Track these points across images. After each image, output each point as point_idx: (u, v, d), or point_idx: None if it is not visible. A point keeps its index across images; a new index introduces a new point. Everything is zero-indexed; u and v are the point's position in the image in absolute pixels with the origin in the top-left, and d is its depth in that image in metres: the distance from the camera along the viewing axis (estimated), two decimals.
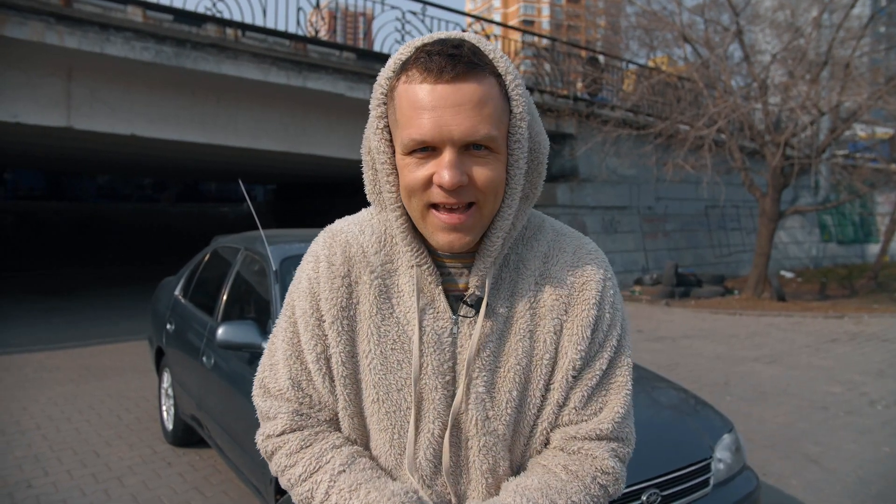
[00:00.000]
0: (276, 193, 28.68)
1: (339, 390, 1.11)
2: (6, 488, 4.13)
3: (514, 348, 1.08)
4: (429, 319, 1.08)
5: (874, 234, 24.36)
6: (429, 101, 0.95)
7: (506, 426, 1.08)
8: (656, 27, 14.81)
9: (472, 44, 0.99)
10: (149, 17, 8.82)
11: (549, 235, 1.15)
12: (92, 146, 12.03)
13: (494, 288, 1.09)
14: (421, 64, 0.96)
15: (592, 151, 14.63)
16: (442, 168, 0.96)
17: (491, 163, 0.99)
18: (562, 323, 1.09)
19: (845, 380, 7.03)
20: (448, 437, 1.07)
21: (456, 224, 0.99)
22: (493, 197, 1.01)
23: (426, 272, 1.07)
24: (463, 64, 0.95)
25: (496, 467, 1.09)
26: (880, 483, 4.35)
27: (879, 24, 16.37)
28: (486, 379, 1.07)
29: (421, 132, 0.95)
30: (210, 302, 4.34)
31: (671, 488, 2.54)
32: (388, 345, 1.08)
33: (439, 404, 1.07)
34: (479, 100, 0.95)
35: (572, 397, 1.10)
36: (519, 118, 1.01)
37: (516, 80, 1.00)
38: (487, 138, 0.96)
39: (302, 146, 11.40)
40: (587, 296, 1.10)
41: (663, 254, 16.45)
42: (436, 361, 1.07)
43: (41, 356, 7.73)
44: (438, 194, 0.98)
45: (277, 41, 10.17)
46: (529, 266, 1.11)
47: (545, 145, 1.08)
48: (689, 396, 3.39)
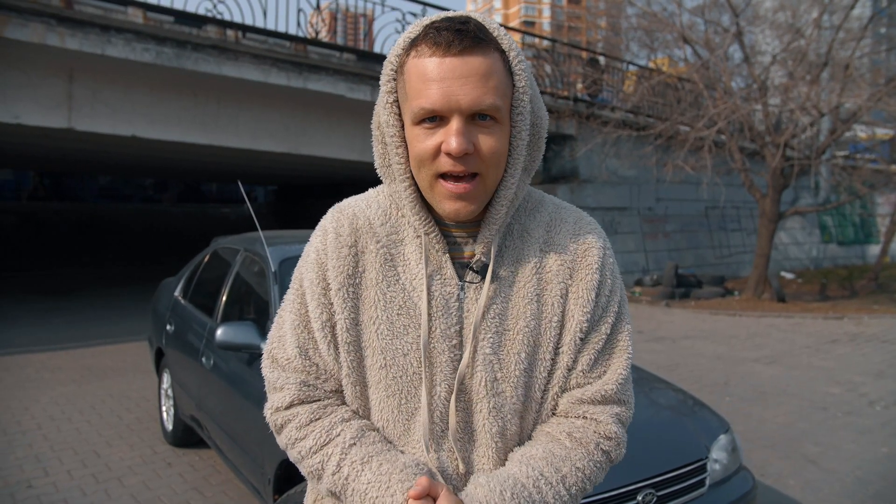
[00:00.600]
0: (277, 194, 28.71)
1: (343, 357, 1.14)
2: (7, 488, 4.15)
3: (523, 312, 1.12)
4: (436, 285, 1.11)
5: (874, 234, 24.35)
6: (437, 73, 1.00)
7: (514, 388, 1.11)
8: (657, 28, 14.82)
9: (477, 21, 1.04)
10: (149, 19, 8.84)
11: (550, 208, 1.21)
12: (93, 147, 12.06)
13: (499, 255, 1.13)
14: (430, 39, 1.01)
15: (593, 152, 14.64)
16: (450, 136, 1.01)
17: (496, 133, 1.04)
18: (567, 287, 1.14)
19: (845, 380, 7.04)
20: (454, 399, 1.10)
21: (461, 192, 1.04)
22: (496, 167, 1.06)
23: (433, 240, 1.12)
24: (470, 38, 1.00)
25: (504, 431, 1.12)
26: (879, 483, 4.36)
27: (880, 25, 16.37)
28: (493, 341, 1.10)
29: (430, 101, 1.00)
30: (210, 303, 4.36)
31: (667, 488, 2.55)
32: (395, 311, 1.12)
33: (446, 367, 1.10)
34: (486, 72, 1.01)
35: (580, 360, 1.15)
36: (522, 91, 1.06)
37: (519, 55, 1.06)
38: (493, 108, 1.01)
39: (302, 147, 11.42)
40: (590, 261, 1.16)
41: (663, 255, 16.46)
42: (443, 325, 1.10)
43: (42, 356, 7.75)
44: (446, 163, 1.03)
45: (278, 42, 10.19)
46: (533, 234, 1.16)
47: (545, 120, 1.14)
48: (685, 397, 3.40)
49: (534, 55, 16.16)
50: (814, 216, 21.33)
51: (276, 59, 9.96)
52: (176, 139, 10.15)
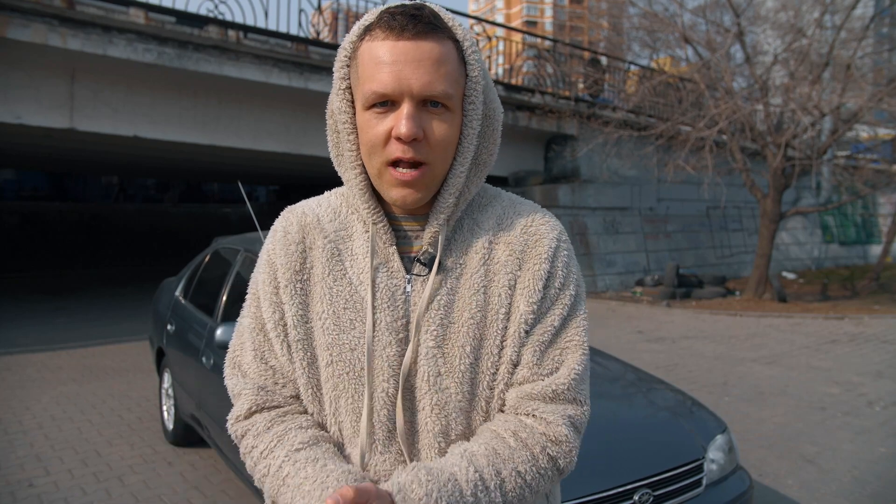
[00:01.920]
0: (279, 194, 28.74)
1: (295, 356, 1.11)
2: (8, 487, 4.17)
3: (468, 303, 1.08)
4: (382, 278, 1.09)
5: (876, 234, 24.33)
6: (390, 56, 0.99)
7: (458, 384, 1.06)
8: (658, 28, 14.82)
9: (431, 8, 1.04)
10: (151, 19, 8.86)
11: (505, 202, 1.18)
12: (95, 147, 12.08)
13: (447, 247, 1.11)
14: (384, 23, 1.01)
15: (594, 152, 14.65)
16: (400, 120, 1.00)
17: (446, 120, 1.03)
18: (515, 278, 1.10)
19: (844, 381, 7.05)
20: (401, 396, 1.05)
21: (409, 180, 1.03)
22: (444, 155, 1.05)
23: (381, 230, 1.10)
24: (424, 23, 1.00)
25: (448, 430, 1.06)
26: (876, 483, 4.37)
27: (881, 25, 16.35)
28: (436, 334, 1.06)
29: (382, 84, 0.99)
30: (210, 303, 4.38)
31: (663, 488, 2.56)
32: (341, 304, 1.09)
33: (393, 362, 1.06)
34: (438, 58, 1.00)
35: (525, 353, 1.08)
36: (474, 81, 1.06)
37: (473, 46, 1.06)
38: (444, 95, 1.01)
39: (303, 147, 11.44)
40: (539, 251, 1.11)
41: (664, 255, 16.46)
42: (389, 318, 1.07)
43: (44, 356, 7.78)
44: (396, 149, 1.01)
45: (279, 43, 10.21)
46: (483, 226, 1.13)
47: (499, 112, 1.12)
48: (683, 397, 3.41)
49: (535, 55, 16.17)
50: (815, 216, 21.32)
51: (277, 59, 9.99)
52: (177, 139, 10.17)
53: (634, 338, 9.46)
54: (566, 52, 16.55)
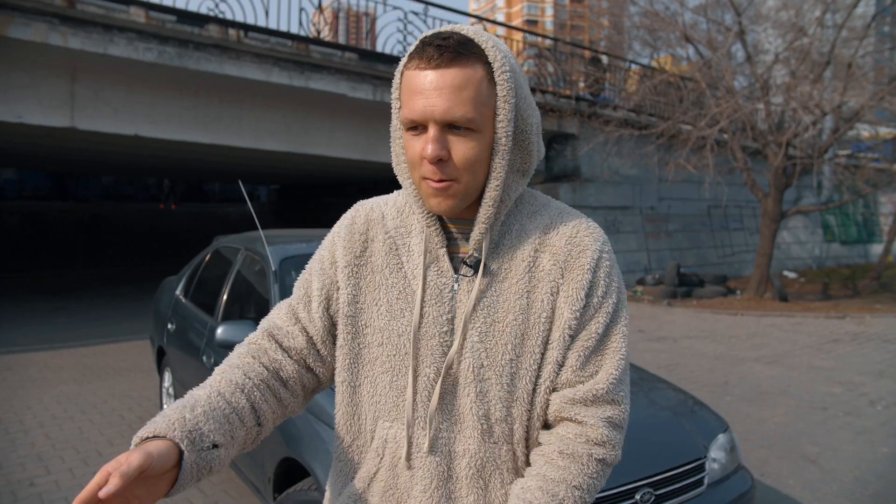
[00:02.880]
0: (280, 193, 28.73)
1: (341, 328, 1.25)
2: (9, 486, 4.16)
3: (512, 306, 1.18)
4: (433, 275, 1.21)
5: (877, 234, 24.31)
6: (418, 86, 1.10)
7: (498, 376, 1.17)
8: (659, 27, 14.81)
9: (462, 35, 1.12)
10: (151, 18, 8.85)
11: (553, 212, 1.26)
12: (96, 146, 12.08)
13: (494, 251, 1.20)
14: (417, 53, 1.11)
15: (594, 151, 14.64)
16: (426, 143, 1.10)
17: (471, 141, 1.11)
18: (558, 285, 1.19)
19: (845, 380, 7.04)
20: (441, 382, 1.17)
21: (438, 190, 1.13)
22: (471, 172, 1.13)
23: (434, 234, 1.20)
24: (449, 52, 1.08)
25: (489, 414, 1.17)
26: (877, 483, 4.36)
27: (883, 23, 16.32)
28: (481, 331, 1.17)
29: (412, 111, 1.10)
30: (210, 302, 4.37)
31: (665, 487, 2.55)
32: (395, 295, 1.22)
33: (436, 351, 1.18)
34: (460, 84, 1.08)
35: (570, 357, 1.18)
36: (503, 100, 1.13)
37: (503, 66, 1.12)
38: (463, 119, 1.09)
39: (305, 146, 11.44)
40: (582, 262, 1.19)
41: (665, 254, 16.45)
42: (435, 312, 1.19)
43: (45, 355, 7.78)
44: (427, 168, 1.12)
45: (280, 42, 10.20)
46: (531, 235, 1.22)
47: (533, 123, 1.19)
48: (685, 397, 3.40)
49: (536, 54, 16.16)
50: (816, 215, 21.30)
51: (277, 58, 9.98)
52: (178, 138, 10.17)
53: (635, 337, 9.45)
54: (567, 51, 16.53)
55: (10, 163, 20.82)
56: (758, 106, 13.74)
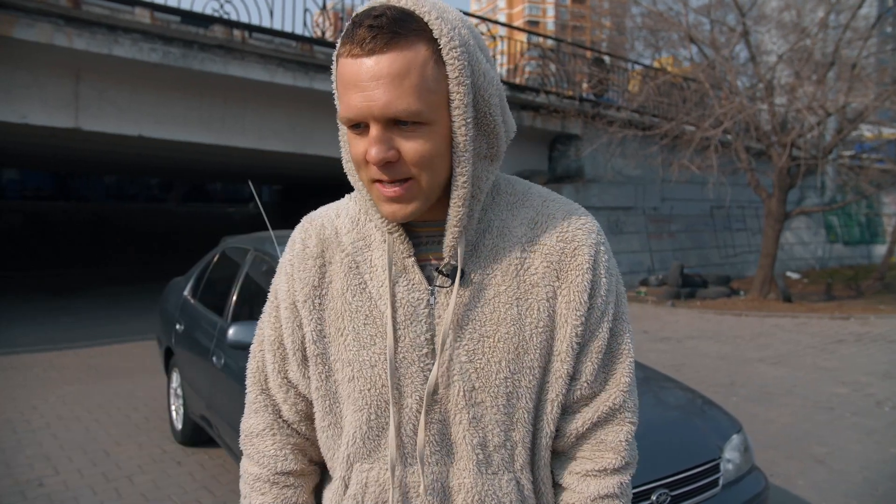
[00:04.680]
0: (282, 194, 28.74)
1: (312, 370, 1.10)
2: (17, 486, 4.16)
3: (503, 317, 1.03)
4: (402, 291, 1.04)
5: (881, 234, 24.29)
6: (351, 77, 0.92)
7: (493, 398, 1.02)
8: (662, 28, 14.80)
9: (397, 9, 0.92)
10: (156, 19, 8.85)
11: (537, 202, 1.10)
12: (99, 147, 12.09)
13: (474, 255, 1.05)
14: (348, 35, 0.93)
15: (598, 152, 14.63)
16: (370, 144, 0.93)
17: (422, 136, 0.93)
18: (555, 290, 1.05)
19: (851, 381, 7.03)
20: (425, 412, 1.02)
21: (394, 196, 0.96)
22: (428, 169, 0.96)
23: (398, 240, 1.03)
24: (384, 33, 0.90)
25: (486, 442, 1.04)
26: (887, 484, 4.36)
27: (886, 24, 16.32)
28: (468, 349, 1.02)
29: (349, 109, 0.93)
30: (219, 302, 4.37)
31: (680, 488, 2.55)
32: (361, 321, 1.05)
33: (416, 378, 1.03)
34: (398, 72, 0.90)
35: (583, 369, 1.07)
36: (455, 83, 0.94)
37: (452, 41, 0.93)
38: (409, 113, 0.91)
39: (309, 147, 11.43)
40: (580, 261, 1.06)
41: (668, 254, 16.44)
42: (412, 334, 1.03)
43: (49, 355, 7.78)
44: (374, 170, 0.95)
45: (284, 42, 10.20)
46: (515, 233, 1.07)
47: (494, 102, 1.00)
48: (697, 397, 3.40)
49: (539, 54, 16.16)
50: (820, 216, 21.28)
51: (282, 58, 9.98)
52: (182, 139, 10.17)
53: (640, 337, 9.45)
54: (569, 52, 16.53)
55: (14, 163, 20.84)
56: (761, 107, 13.74)
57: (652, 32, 15.61)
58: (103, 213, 22.91)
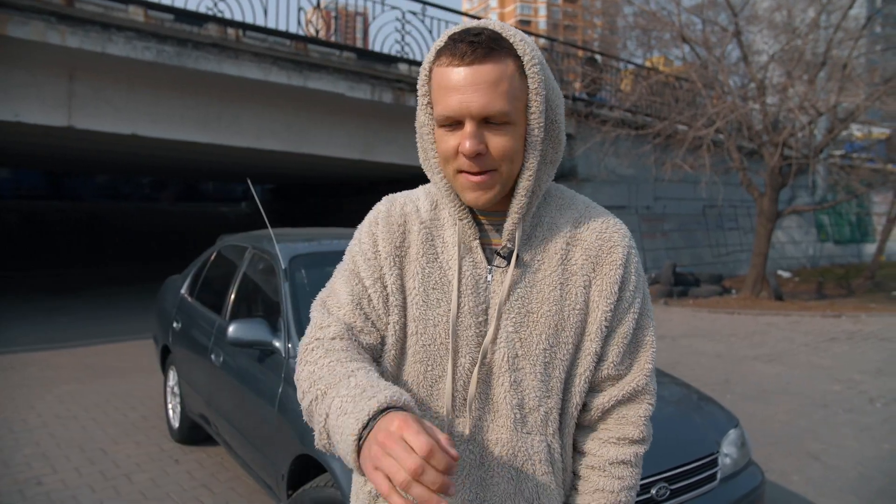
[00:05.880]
0: (275, 193, 28.65)
1: (392, 317, 1.24)
2: (16, 485, 4.16)
3: (547, 297, 1.20)
4: (468, 266, 1.22)
5: (871, 233, 24.45)
6: (453, 82, 1.11)
7: (533, 365, 1.19)
8: (654, 27, 14.86)
9: (492, 31, 1.13)
10: (150, 17, 8.82)
11: (581, 206, 1.30)
12: (93, 146, 12.04)
13: (526, 243, 1.23)
14: (448, 49, 1.12)
15: (591, 151, 14.68)
16: (464, 138, 1.11)
17: (507, 133, 1.13)
18: (591, 279, 1.23)
19: (845, 378, 7.09)
20: (477, 371, 1.19)
21: (478, 182, 1.15)
22: (509, 162, 1.15)
23: (467, 226, 1.22)
24: (482, 48, 1.10)
25: (523, 403, 1.20)
26: (882, 479, 4.40)
27: (875, 24, 16.42)
28: (515, 321, 1.19)
29: (447, 108, 1.12)
30: (217, 300, 4.37)
31: (680, 482, 2.58)
32: (431, 284, 1.23)
33: (472, 341, 1.20)
34: (495, 79, 1.10)
35: (609, 352, 1.24)
36: (534, 93, 1.14)
37: (533, 59, 1.14)
38: (500, 113, 1.11)
39: (304, 146, 11.42)
40: (614, 257, 1.23)
41: (661, 253, 16.51)
42: (471, 303, 1.21)
43: (45, 355, 7.75)
44: (463, 162, 1.14)
45: (278, 41, 10.19)
46: (562, 228, 1.25)
47: (560, 114, 1.21)
48: (693, 392, 3.43)
49: None
50: (810, 215, 21.41)
51: (276, 57, 9.96)
52: (176, 138, 10.14)
53: None
54: (561, 51, 16.57)
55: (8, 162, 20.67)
56: (753, 106, 13.81)
57: (644, 32, 15.66)
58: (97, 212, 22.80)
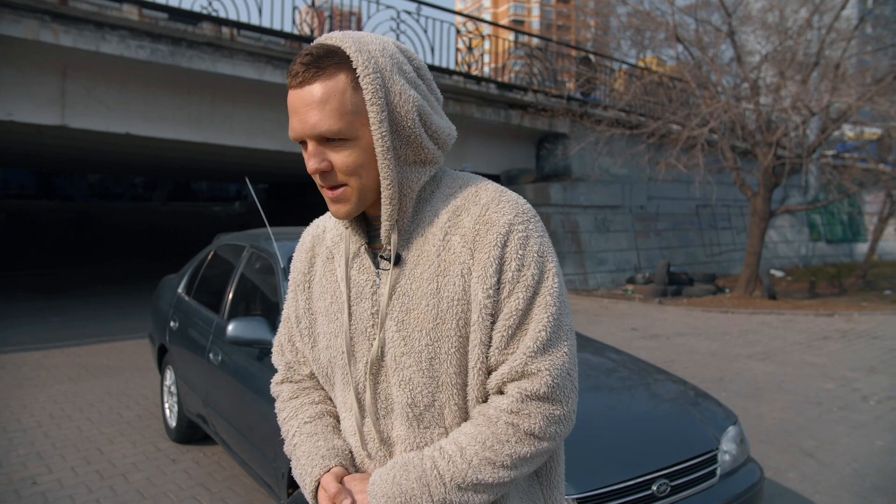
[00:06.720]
0: (268, 192, 28.65)
1: (304, 340, 1.37)
2: (11, 485, 4.13)
3: (424, 292, 1.18)
4: (355, 273, 1.26)
5: (862, 233, 24.61)
6: (291, 105, 1.15)
7: (418, 362, 1.18)
8: (648, 27, 14.90)
9: (324, 46, 1.14)
10: (144, 16, 8.79)
11: (469, 192, 1.23)
12: (86, 145, 11.98)
13: (408, 240, 1.22)
14: (289, 72, 1.15)
15: (585, 151, 14.71)
16: (308, 158, 1.17)
17: (346, 148, 1.15)
18: (468, 267, 1.17)
19: (838, 376, 7.13)
20: (368, 376, 1.23)
21: (333, 198, 1.19)
22: (357, 176, 1.17)
23: (351, 232, 1.27)
24: (312, 69, 1.12)
25: (415, 402, 1.20)
26: (875, 476, 4.43)
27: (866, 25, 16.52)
28: (398, 320, 1.19)
29: (292, 131, 1.16)
30: (215, 299, 4.36)
31: (680, 478, 2.59)
32: (328, 299, 1.30)
33: (364, 347, 1.24)
34: (321, 99, 1.12)
35: (494, 338, 1.16)
36: (369, 104, 1.13)
37: (367, 68, 1.12)
38: (330, 131, 1.12)
39: (297, 145, 11.38)
40: (489, 239, 1.16)
41: (655, 253, 16.56)
42: (360, 310, 1.24)
43: (37, 355, 7.71)
44: (317, 179, 1.19)
45: (272, 40, 10.17)
46: (441, 219, 1.21)
47: (410, 117, 1.17)
48: (691, 389, 3.44)
49: (525, 54, 16.22)
50: (803, 214, 21.53)
51: (270, 56, 9.95)
52: (170, 137, 10.11)
53: (629, 335, 9.52)
54: (555, 51, 16.59)
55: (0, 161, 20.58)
56: (747, 106, 13.86)
57: (638, 31, 15.70)
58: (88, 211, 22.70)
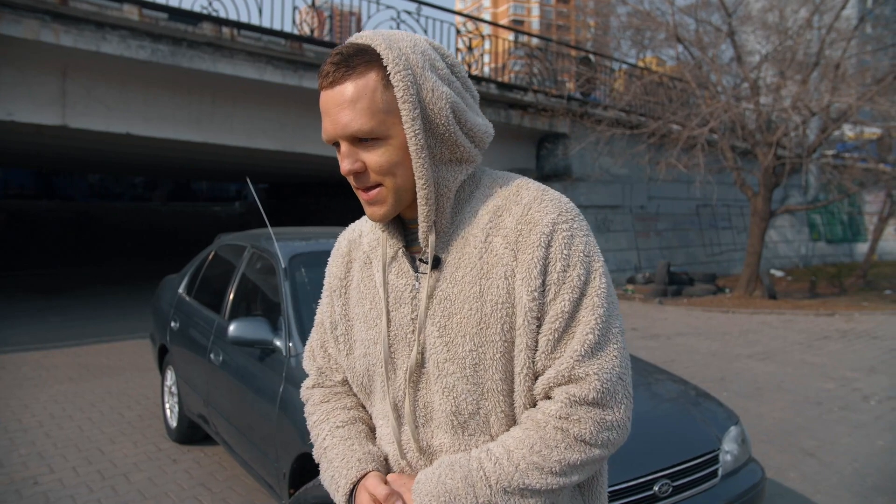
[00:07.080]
0: (268, 192, 28.65)
1: (340, 347, 1.34)
2: (12, 485, 4.14)
3: (467, 296, 1.14)
4: (393, 278, 1.22)
5: (862, 232, 24.60)
6: (322, 106, 1.14)
7: (461, 368, 1.14)
8: (648, 27, 14.90)
9: (354, 45, 1.12)
10: (145, 16, 8.78)
11: (510, 192, 1.19)
12: (86, 145, 11.98)
13: (447, 243, 1.18)
14: (319, 72, 1.14)
15: (585, 151, 14.71)
16: (341, 160, 1.14)
17: (379, 148, 1.12)
18: (512, 268, 1.13)
19: (838, 376, 7.13)
20: (408, 381, 1.19)
21: (368, 199, 1.16)
22: (391, 175, 1.13)
23: (389, 236, 1.23)
24: (342, 68, 1.10)
25: (459, 409, 1.15)
26: (876, 476, 4.44)
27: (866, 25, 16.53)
28: (440, 325, 1.15)
29: (324, 133, 1.15)
30: (216, 300, 4.36)
31: (682, 479, 2.59)
32: (367, 305, 1.26)
33: (404, 353, 1.20)
34: (351, 98, 1.09)
35: (540, 341, 1.11)
36: (402, 102, 1.10)
37: (397, 66, 1.09)
38: (361, 131, 1.10)
39: (298, 145, 11.40)
40: (532, 239, 1.12)
41: (655, 252, 16.57)
42: (400, 314, 1.20)
43: (38, 355, 7.71)
44: (352, 181, 1.16)
45: (273, 40, 10.16)
46: (481, 220, 1.17)
47: (444, 114, 1.13)
48: (692, 389, 3.45)
49: (525, 53, 16.21)
50: (803, 214, 21.53)
51: (270, 56, 9.94)
52: (170, 137, 10.10)
53: (629, 335, 9.52)
54: (554, 50, 16.59)
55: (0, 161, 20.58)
56: (747, 106, 13.86)
57: (638, 31, 15.70)
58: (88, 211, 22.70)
